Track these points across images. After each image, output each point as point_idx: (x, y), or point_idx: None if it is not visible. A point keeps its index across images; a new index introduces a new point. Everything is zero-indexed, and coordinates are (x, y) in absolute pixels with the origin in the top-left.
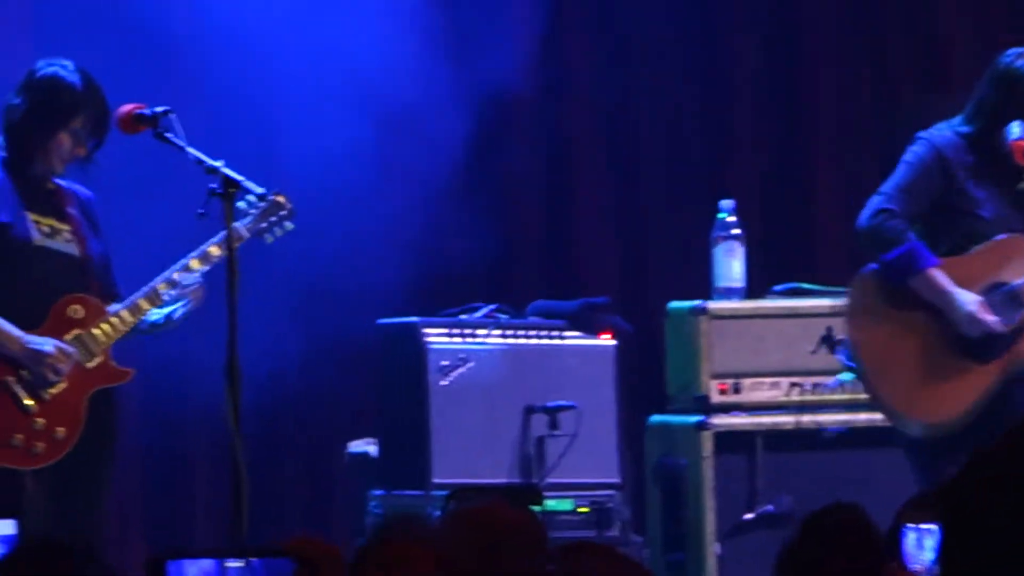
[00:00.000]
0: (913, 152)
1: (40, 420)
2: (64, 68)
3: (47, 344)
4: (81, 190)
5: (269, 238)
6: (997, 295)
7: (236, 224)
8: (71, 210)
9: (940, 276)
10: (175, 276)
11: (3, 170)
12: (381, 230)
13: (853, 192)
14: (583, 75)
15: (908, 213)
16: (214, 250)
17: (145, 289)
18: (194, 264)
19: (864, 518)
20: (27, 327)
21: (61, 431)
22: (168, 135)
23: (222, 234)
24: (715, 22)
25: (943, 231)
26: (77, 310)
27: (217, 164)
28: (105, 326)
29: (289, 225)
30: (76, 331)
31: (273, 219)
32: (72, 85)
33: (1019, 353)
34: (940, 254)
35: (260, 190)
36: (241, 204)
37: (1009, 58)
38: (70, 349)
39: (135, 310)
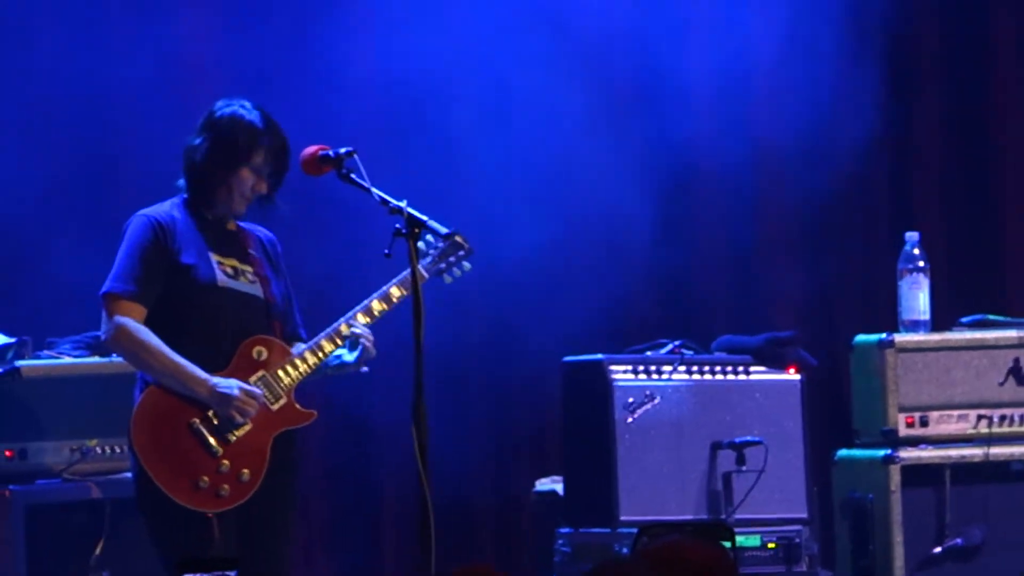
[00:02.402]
0: None
1: (225, 463)
2: (243, 107)
3: (233, 387)
4: (262, 231)
5: (448, 278)
6: None
7: (420, 264)
8: (253, 251)
9: None
10: (358, 317)
11: (185, 211)
12: (567, 267)
13: None
14: None
15: None
16: (395, 291)
17: (328, 331)
18: (376, 306)
19: None
20: (212, 369)
21: (246, 473)
22: (353, 176)
23: (404, 274)
24: (894, 47)
25: None
26: (262, 352)
27: (401, 204)
28: (289, 368)
29: (467, 265)
30: (261, 372)
31: (452, 259)
32: (251, 123)
33: None
34: None
35: (444, 230)
36: (420, 244)
37: None
38: (256, 391)
39: (318, 351)
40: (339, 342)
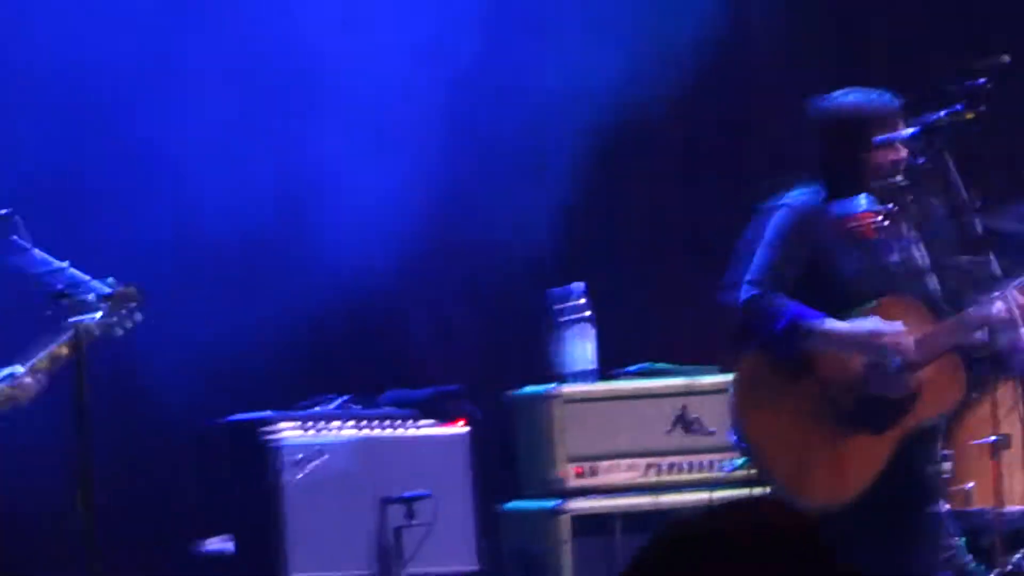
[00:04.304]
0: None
1: None
2: None
3: None
4: None
5: (119, 331)
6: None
7: (86, 319)
8: None
9: (836, 324)
10: (26, 380)
11: None
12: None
13: (703, 269)
14: None
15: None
16: (62, 351)
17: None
18: (40, 365)
19: None
20: None
21: None
22: (14, 238)
23: (67, 335)
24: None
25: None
26: None
27: (63, 264)
28: None
29: (139, 316)
30: None
31: (124, 312)
32: None
33: (914, 418)
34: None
35: (107, 289)
36: (90, 297)
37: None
38: None
39: None
40: (6, 407)
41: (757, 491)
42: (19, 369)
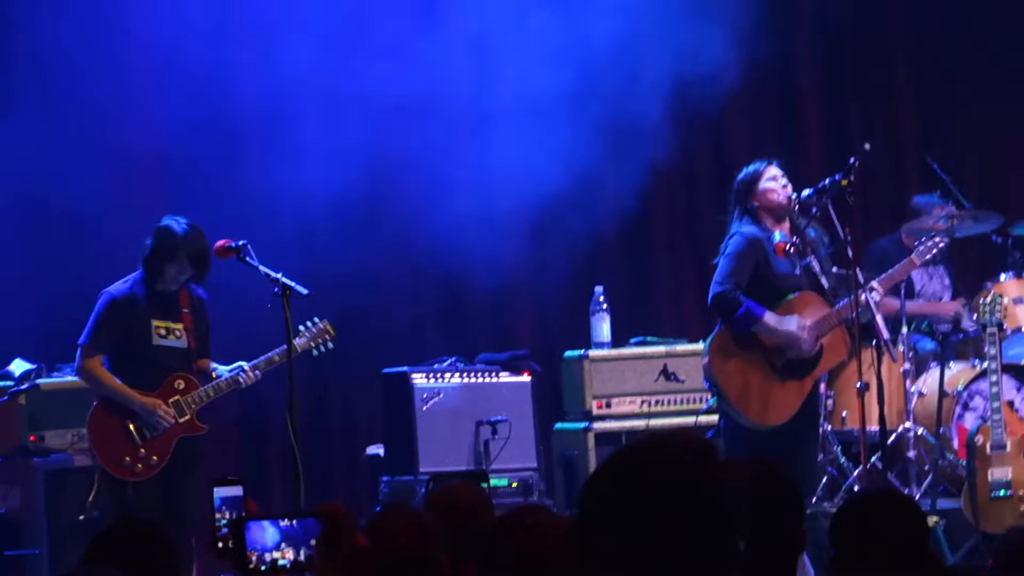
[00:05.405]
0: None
1: (143, 451)
2: (176, 221)
3: (158, 405)
4: (198, 292)
5: (315, 353)
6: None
7: (296, 341)
8: (186, 309)
9: (771, 318)
10: (250, 373)
11: (142, 287)
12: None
13: (689, 259)
14: None
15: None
16: (276, 359)
17: (226, 377)
18: (262, 365)
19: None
20: (147, 391)
21: (155, 459)
22: (247, 259)
23: (281, 348)
24: None
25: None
26: (180, 383)
27: (278, 275)
28: (197, 396)
29: (331, 346)
30: (176, 397)
31: (321, 342)
32: (176, 232)
33: (821, 368)
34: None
35: (304, 291)
36: (301, 327)
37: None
38: (172, 410)
39: (217, 389)
40: (233, 387)
41: (702, 419)
42: (245, 365)
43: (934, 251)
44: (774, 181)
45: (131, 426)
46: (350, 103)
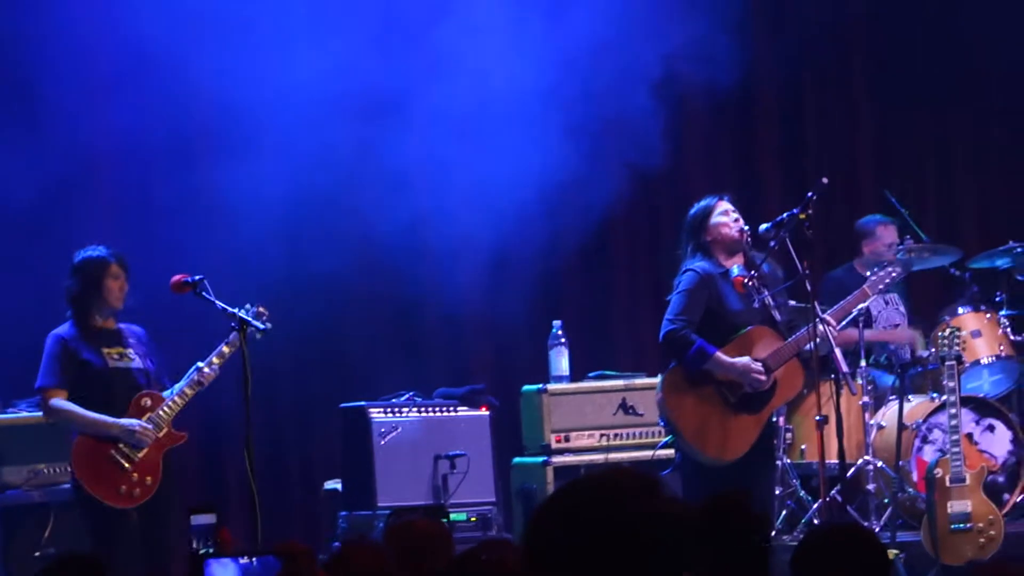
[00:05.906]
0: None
1: (135, 475)
2: (92, 248)
3: (136, 424)
4: (135, 328)
5: (257, 335)
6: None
7: (233, 337)
8: (131, 339)
9: (722, 356)
10: (205, 370)
11: (83, 325)
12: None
13: (647, 293)
14: None
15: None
16: (226, 349)
17: (187, 382)
18: (215, 360)
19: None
20: (117, 416)
21: (149, 480)
22: (204, 294)
23: (231, 336)
24: None
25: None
26: (147, 401)
27: (235, 310)
28: (166, 408)
29: (269, 325)
30: (148, 414)
31: (260, 323)
32: (98, 255)
33: (775, 403)
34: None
35: (262, 326)
36: (240, 312)
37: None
38: (149, 425)
39: (183, 396)
40: (197, 389)
41: (660, 453)
42: (200, 363)
43: (887, 280)
44: (726, 216)
45: (115, 453)
46: (307, 118)
